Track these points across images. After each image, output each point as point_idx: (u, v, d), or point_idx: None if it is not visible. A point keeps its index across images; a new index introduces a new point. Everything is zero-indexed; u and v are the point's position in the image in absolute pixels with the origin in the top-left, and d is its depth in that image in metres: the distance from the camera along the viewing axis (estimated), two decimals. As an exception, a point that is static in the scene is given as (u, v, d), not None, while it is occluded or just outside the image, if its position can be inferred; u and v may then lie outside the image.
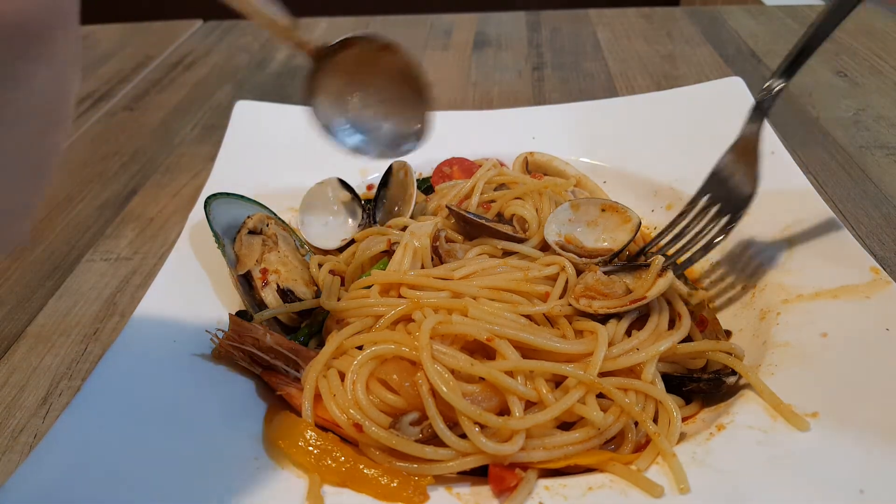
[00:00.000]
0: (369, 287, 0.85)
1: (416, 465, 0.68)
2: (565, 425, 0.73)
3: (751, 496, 0.60)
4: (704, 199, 0.89)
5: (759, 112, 0.87)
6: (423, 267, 0.88)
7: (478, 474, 0.68)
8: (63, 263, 1.10)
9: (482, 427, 0.69)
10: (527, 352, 0.75)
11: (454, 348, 0.74)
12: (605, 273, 0.84)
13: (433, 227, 0.90)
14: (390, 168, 1.05)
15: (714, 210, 0.87)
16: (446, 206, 0.97)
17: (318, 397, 0.74)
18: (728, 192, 0.87)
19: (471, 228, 0.94)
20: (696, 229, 0.88)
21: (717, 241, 0.86)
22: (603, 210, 0.92)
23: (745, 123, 0.88)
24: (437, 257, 0.90)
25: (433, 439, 0.69)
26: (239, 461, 0.68)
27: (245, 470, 0.67)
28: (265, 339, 0.80)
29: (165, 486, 0.64)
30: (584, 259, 0.87)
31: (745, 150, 0.87)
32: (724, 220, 0.86)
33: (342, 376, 0.75)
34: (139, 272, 1.07)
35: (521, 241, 0.91)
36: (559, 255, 0.88)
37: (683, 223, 0.89)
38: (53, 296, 1.03)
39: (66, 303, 1.02)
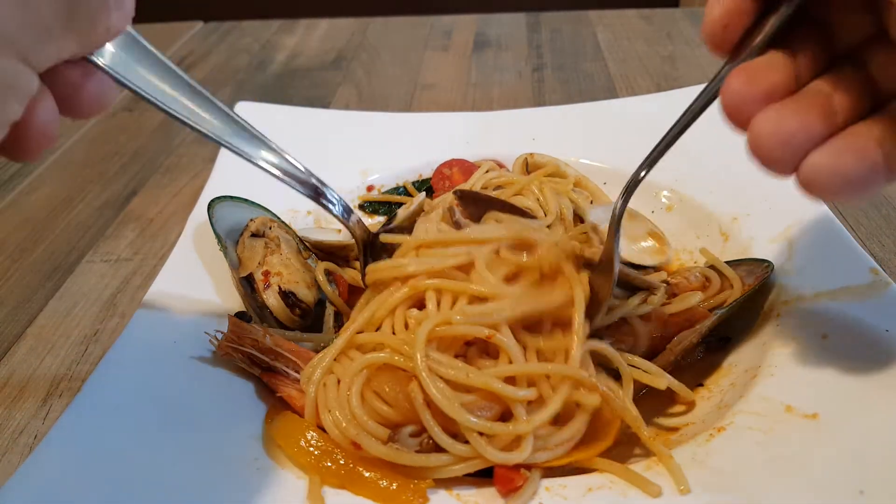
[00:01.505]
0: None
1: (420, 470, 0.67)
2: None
3: (751, 497, 0.60)
4: None
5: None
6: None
7: (481, 475, 0.68)
8: (63, 264, 1.10)
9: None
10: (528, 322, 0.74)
11: (452, 350, 0.73)
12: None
13: (447, 202, 0.91)
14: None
15: None
16: (455, 190, 0.94)
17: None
18: None
19: (482, 210, 0.93)
20: None
21: None
22: (649, 235, 0.95)
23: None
24: None
25: (436, 447, 0.68)
26: (239, 462, 0.68)
27: (245, 471, 0.67)
28: (264, 341, 0.80)
29: (165, 486, 0.64)
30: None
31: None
32: None
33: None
34: (139, 273, 1.07)
35: (533, 218, 0.91)
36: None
37: None
38: (53, 297, 1.03)
39: (66, 304, 1.02)
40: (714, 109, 0.81)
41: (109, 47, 0.55)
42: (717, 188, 1.03)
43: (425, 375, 0.68)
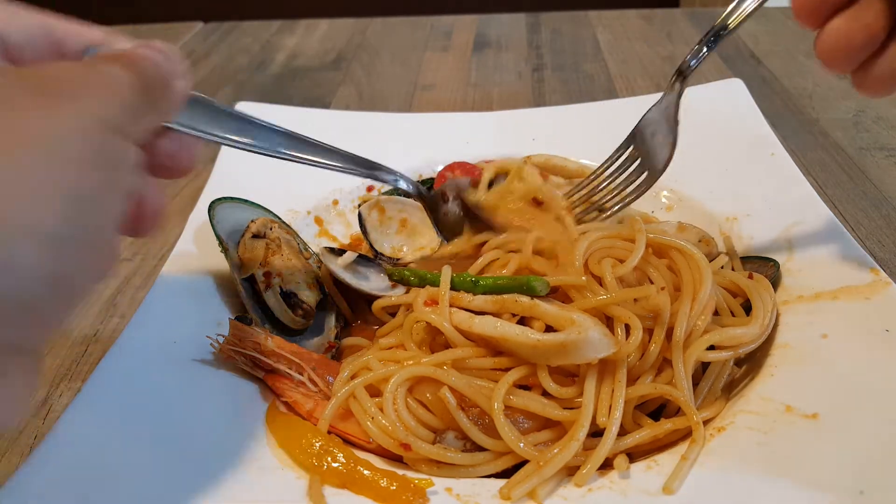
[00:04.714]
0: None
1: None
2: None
3: (751, 497, 0.60)
4: (627, 152, 0.91)
5: (682, 77, 0.88)
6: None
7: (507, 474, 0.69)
8: (63, 265, 1.10)
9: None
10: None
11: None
12: None
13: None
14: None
15: (632, 168, 0.91)
16: (442, 190, 0.97)
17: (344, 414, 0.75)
18: (648, 151, 0.89)
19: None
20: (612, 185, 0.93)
21: (621, 203, 0.91)
22: (700, 241, 0.94)
23: (669, 87, 0.89)
24: None
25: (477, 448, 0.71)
26: (239, 461, 0.68)
27: (246, 470, 0.67)
28: (267, 343, 0.80)
29: (166, 487, 0.64)
30: None
31: (667, 115, 0.88)
32: (638, 182, 0.90)
33: (371, 392, 0.75)
34: (139, 273, 1.07)
35: None
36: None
37: (603, 176, 0.94)
38: (54, 297, 1.03)
39: (66, 304, 1.01)
40: (711, 113, 0.81)
41: (182, 109, 0.62)
42: (717, 188, 1.03)
43: (498, 404, 0.69)
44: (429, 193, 1.01)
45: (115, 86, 0.51)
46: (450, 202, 1.02)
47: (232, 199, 0.97)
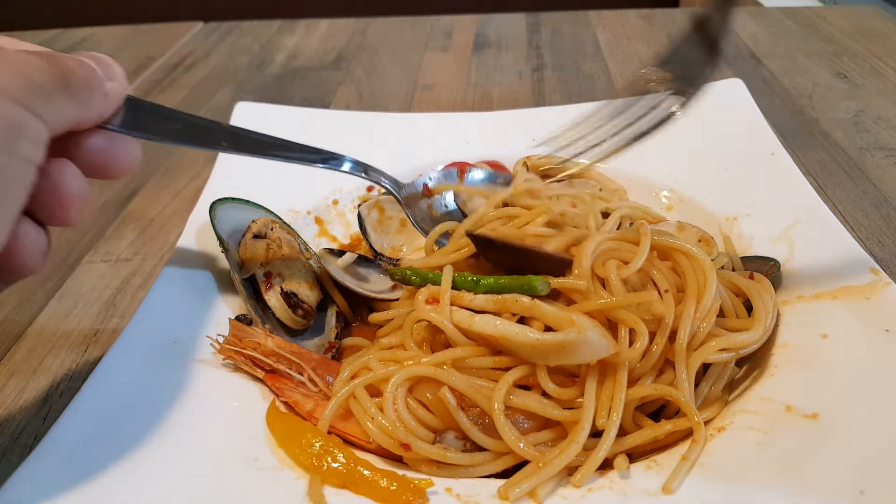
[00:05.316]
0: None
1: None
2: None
3: (751, 497, 0.60)
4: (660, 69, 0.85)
5: None
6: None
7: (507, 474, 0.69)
8: (63, 264, 1.10)
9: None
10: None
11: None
12: None
13: None
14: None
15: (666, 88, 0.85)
16: (467, 234, 0.85)
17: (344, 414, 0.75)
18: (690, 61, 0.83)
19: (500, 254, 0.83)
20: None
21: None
22: (700, 241, 0.93)
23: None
24: None
25: (477, 448, 0.71)
26: (239, 461, 0.68)
27: (246, 470, 0.67)
28: (267, 343, 0.80)
29: (165, 487, 0.64)
30: None
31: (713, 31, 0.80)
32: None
33: (371, 392, 0.75)
34: (139, 273, 1.07)
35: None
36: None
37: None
38: (54, 297, 1.03)
39: (66, 304, 1.02)
40: (711, 113, 0.81)
41: (121, 113, 0.65)
42: (717, 188, 1.03)
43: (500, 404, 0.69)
44: (405, 187, 1.01)
45: (25, 65, 0.54)
46: (432, 196, 1.01)
47: (233, 199, 0.97)
